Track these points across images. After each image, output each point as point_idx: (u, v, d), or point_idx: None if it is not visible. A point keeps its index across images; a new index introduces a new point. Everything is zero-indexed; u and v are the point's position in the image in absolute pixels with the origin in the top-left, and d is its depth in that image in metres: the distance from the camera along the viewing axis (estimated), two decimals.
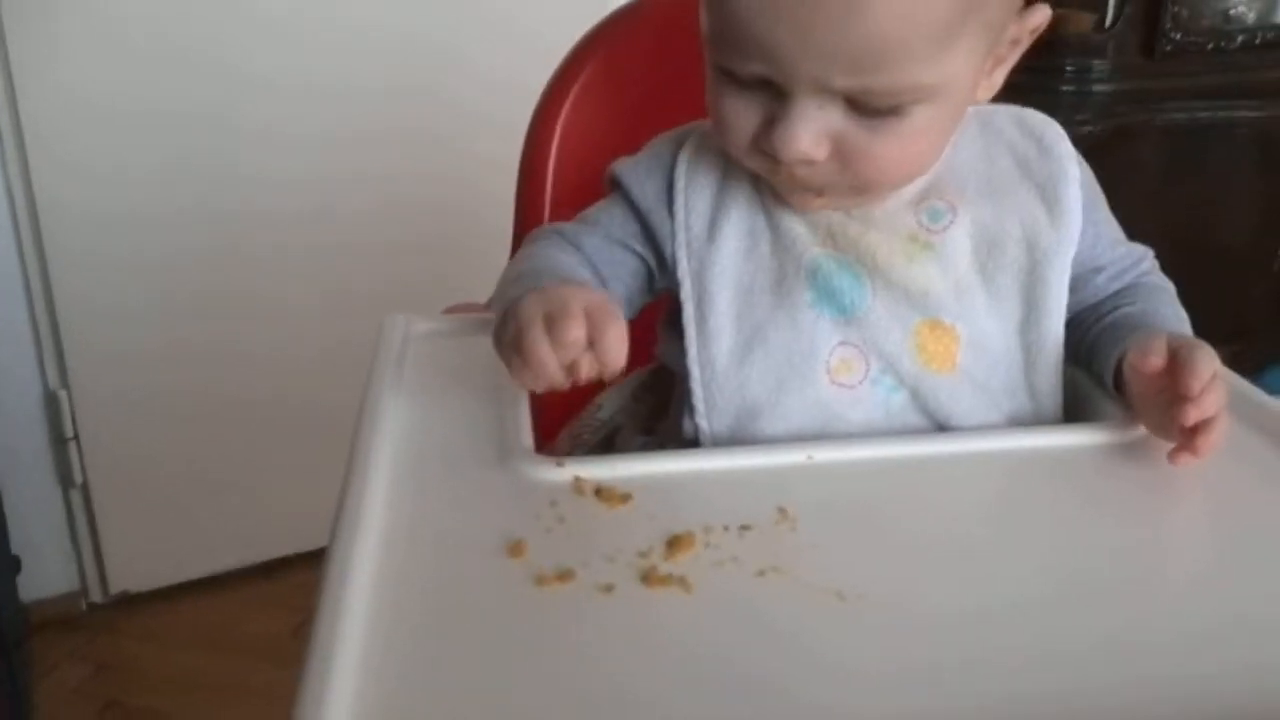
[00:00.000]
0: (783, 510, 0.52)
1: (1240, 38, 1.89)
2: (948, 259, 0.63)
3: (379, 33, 1.64)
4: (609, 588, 0.46)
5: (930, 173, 0.64)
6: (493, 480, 0.55)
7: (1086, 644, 0.43)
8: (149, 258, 1.59)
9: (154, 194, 1.57)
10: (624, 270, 0.68)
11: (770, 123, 0.57)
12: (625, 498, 0.53)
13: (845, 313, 0.63)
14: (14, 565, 1.49)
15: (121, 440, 1.64)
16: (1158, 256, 0.71)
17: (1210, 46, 1.87)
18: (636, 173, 0.68)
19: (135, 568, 1.70)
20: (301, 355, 1.70)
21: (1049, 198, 0.64)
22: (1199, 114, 1.88)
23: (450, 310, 0.82)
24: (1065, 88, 1.80)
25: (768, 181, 0.63)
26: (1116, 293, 0.68)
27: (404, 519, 0.51)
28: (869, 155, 0.57)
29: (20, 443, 1.59)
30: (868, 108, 0.55)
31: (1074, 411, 0.65)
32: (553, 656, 0.42)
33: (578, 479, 0.54)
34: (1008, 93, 0.64)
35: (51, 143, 1.49)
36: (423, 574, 0.47)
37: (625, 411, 0.75)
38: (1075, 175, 0.65)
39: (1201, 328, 0.66)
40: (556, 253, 0.67)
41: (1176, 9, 1.82)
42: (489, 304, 0.71)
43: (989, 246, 0.64)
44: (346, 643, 0.41)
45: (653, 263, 0.68)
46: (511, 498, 0.53)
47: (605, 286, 0.66)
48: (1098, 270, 0.68)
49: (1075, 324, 0.66)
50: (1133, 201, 0.78)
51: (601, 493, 0.53)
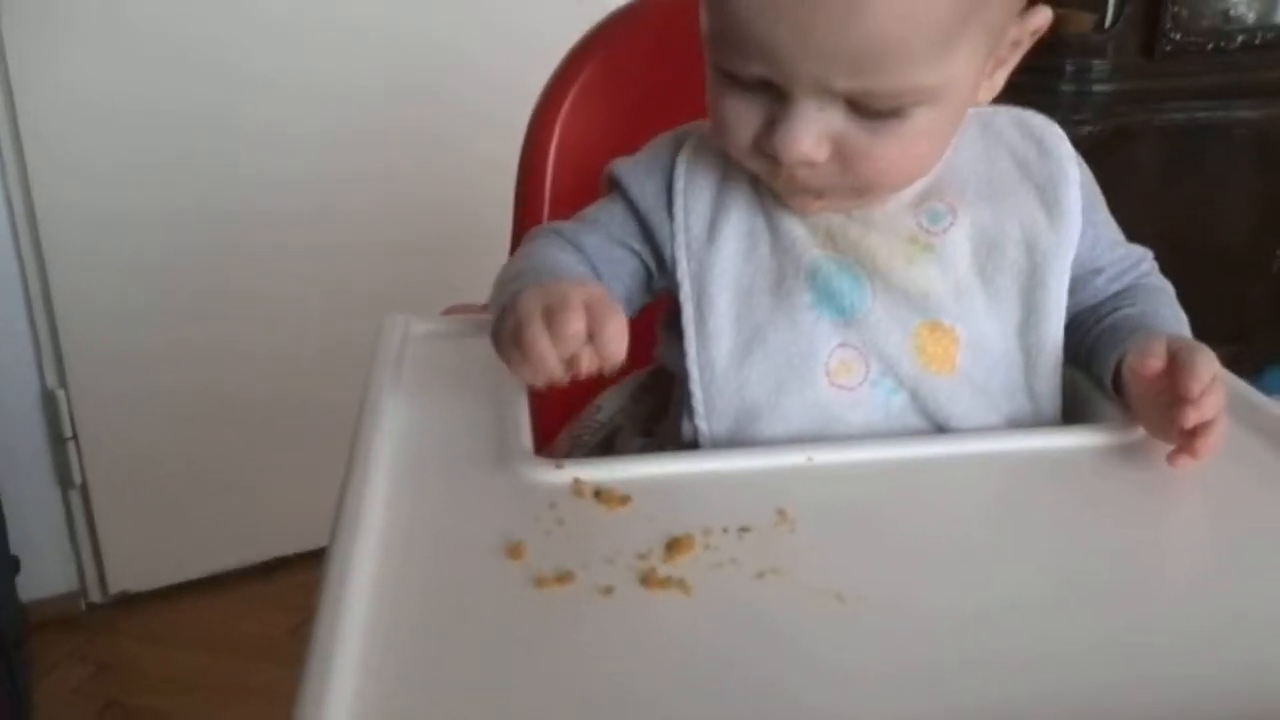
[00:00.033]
0: (782, 512, 0.52)
1: (1240, 38, 1.89)
2: (947, 261, 0.63)
3: (378, 33, 1.64)
4: (608, 590, 0.46)
5: (930, 174, 0.64)
6: (492, 482, 0.55)
7: (1086, 645, 0.43)
8: (147, 257, 1.59)
9: (152, 193, 1.57)
10: (623, 270, 0.68)
11: (771, 124, 0.57)
12: (624, 499, 0.53)
13: (845, 314, 0.63)
14: (13, 565, 1.48)
15: (120, 440, 1.64)
16: (1157, 257, 0.71)
17: (1210, 46, 1.87)
18: (635, 173, 0.68)
19: (134, 568, 1.70)
20: (301, 355, 1.70)
21: (1049, 200, 0.64)
22: (1198, 114, 1.88)
23: (449, 311, 0.82)
24: (1065, 88, 1.79)
25: (767, 183, 0.63)
26: (1116, 294, 0.68)
27: (403, 521, 0.51)
28: (870, 157, 0.57)
29: (19, 443, 1.58)
30: (869, 109, 0.55)
31: (1073, 413, 0.65)
32: (552, 658, 0.42)
33: (577, 481, 0.54)
34: (1007, 92, 0.64)
35: (49, 142, 1.48)
36: (422, 576, 0.47)
37: (624, 412, 0.75)
38: (1075, 177, 0.65)
39: (1200, 328, 0.66)
40: (555, 251, 0.66)
41: (1176, 9, 1.82)
42: (487, 304, 0.71)
43: (989, 248, 0.64)
44: (346, 644, 0.41)
45: (652, 263, 0.68)
46: (511, 499, 0.53)
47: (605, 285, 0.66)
48: (1097, 272, 0.67)
49: (1074, 325, 0.66)
50: (1132, 202, 0.78)
51: (601, 494, 0.53)
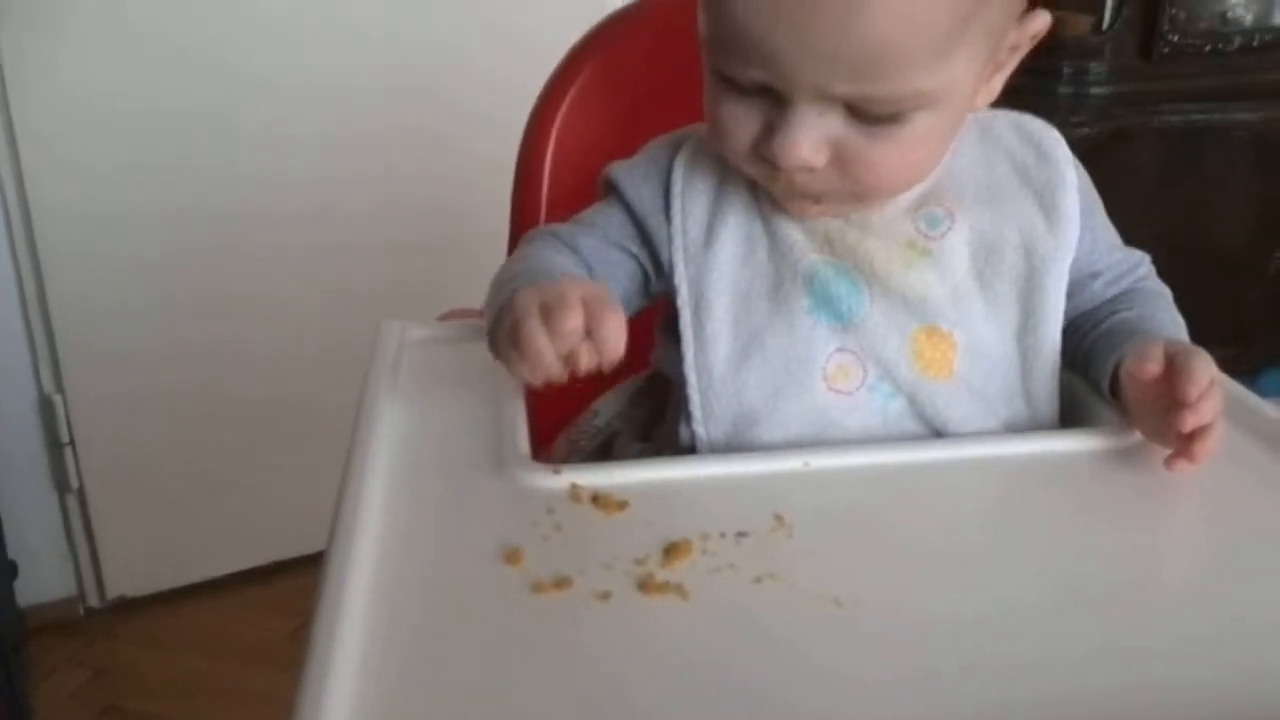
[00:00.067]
0: (779, 517, 0.52)
1: (1238, 40, 1.88)
2: (945, 265, 0.63)
3: (378, 33, 1.63)
4: (606, 595, 0.46)
5: (929, 179, 0.64)
6: (489, 487, 0.55)
7: (1083, 649, 0.43)
8: (144, 258, 1.58)
9: (149, 194, 1.56)
10: (621, 272, 0.67)
11: (769, 130, 0.57)
12: (622, 505, 0.53)
13: (842, 319, 0.63)
14: (11, 570, 1.49)
15: (117, 444, 1.63)
16: (1154, 259, 0.71)
17: (1208, 48, 1.87)
18: (632, 176, 0.68)
19: (132, 572, 1.70)
20: (299, 356, 1.69)
21: (1047, 204, 0.64)
22: (1196, 116, 1.88)
23: (445, 316, 0.82)
24: (1062, 90, 1.79)
25: (765, 188, 0.63)
26: (1113, 298, 0.68)
27: (401, 527, 0.51)
28: (869, 162, 0.57)
29: (16, 447, 1.58)
30: (868, 114, 0.55)
31: (1070, 417, 0.65)
32: (550, 664, 0.42)
33: (574, 486, 0.54)
34: (1004, 95, 0.64)
35: (45, 141, 1.47)
36: (421, 582, 0.47)
37: (622, 417, 0.75)
38: (1073, 181, 0.65)
39: (1198, 330, 0.66)
40: (552, 254, 0.66)
41: (1174, 11, 1.81)
42: (483, 309, 0.71)
43: (987, 253, 0.64)
44: (345, 649, 0.41)
45: (649, 266, 0.67)
46: (508, 505, 0.53)
47: None
48: (1095, 276, 0.67)
49: (1072, 330, 0.66)
50: (1130, 204, 0.78)
51: (598, 500, 0.53)
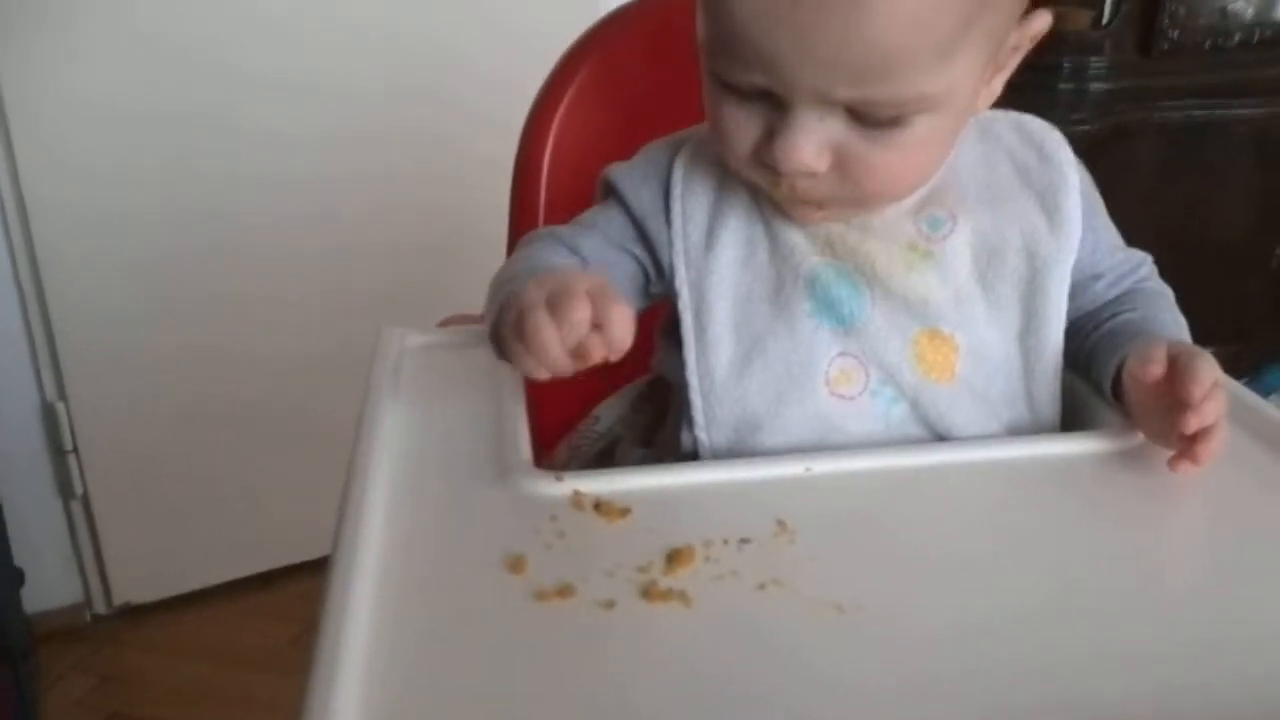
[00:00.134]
0: (782, 523, 0.51)
1: (1238, 35, 1.88)
2: (947, 267, 0.63)
3: (377, 33, 1.63)
4: (609, 603, 0.46)
5: (930, 180, 0.63)
6: (492, 495, 0.55)
7: (1086, 654, 0.43)
8: (143, 261, 1.57)
9: (148, 196, 1.55)
10: (621, 273, 0.67)
11: (770, 134, 0.56)
12: (624, 512, 0.53)
13: (844, 323, 0.62)
14: (17, 578, 1.49)
15: (121, 450, 1.63)
16: (1155, 255, 0.71)
17: (1208, 44, 1.86)
18: (632, 178, 0.67)
19: (138, 579, 1.70)
20: (301, 359, 1.69)
21: (1049, 206, 0.64)
22: (1196, 112, 1.88)
23: (445, 322, 0.81)
24: (1062, 86, 1.78)
25: (768, 194, 0.62)
26: (1115, 299, 0.68)
27: (404, 535, 0.51)
28: (870, 166, 0.56)
29: (19, 454, 1.58)
30: (869, 118, 0.55)
31: (1071, 419, 0.65)
32: (555, 672, 0.42)
33: (577, 493, 0.54)
34: (1003, 91, 0.63)
35: (42, 143, 1.47)
36: (424, 589, 0.47)
37: (624, 422, 0.75)
38: (1075, 183, 0.65)
39: (1199, 327, 0.66)
40: (552, 254, 0.66)
41: (1174, 6, 1.81)
42: (484, 314, 0.71)
43: (989, 255, 0.63)
44: (349, 658, 0.41)
45: (650, 268, 0.67)
46: (511, 512, 0.53)
47: None
48: (1096, 277, 0.67)
49: (1074, 331, 0.65)
50: (1130, 200, 0.77)
51: (601, 507, 0.53)
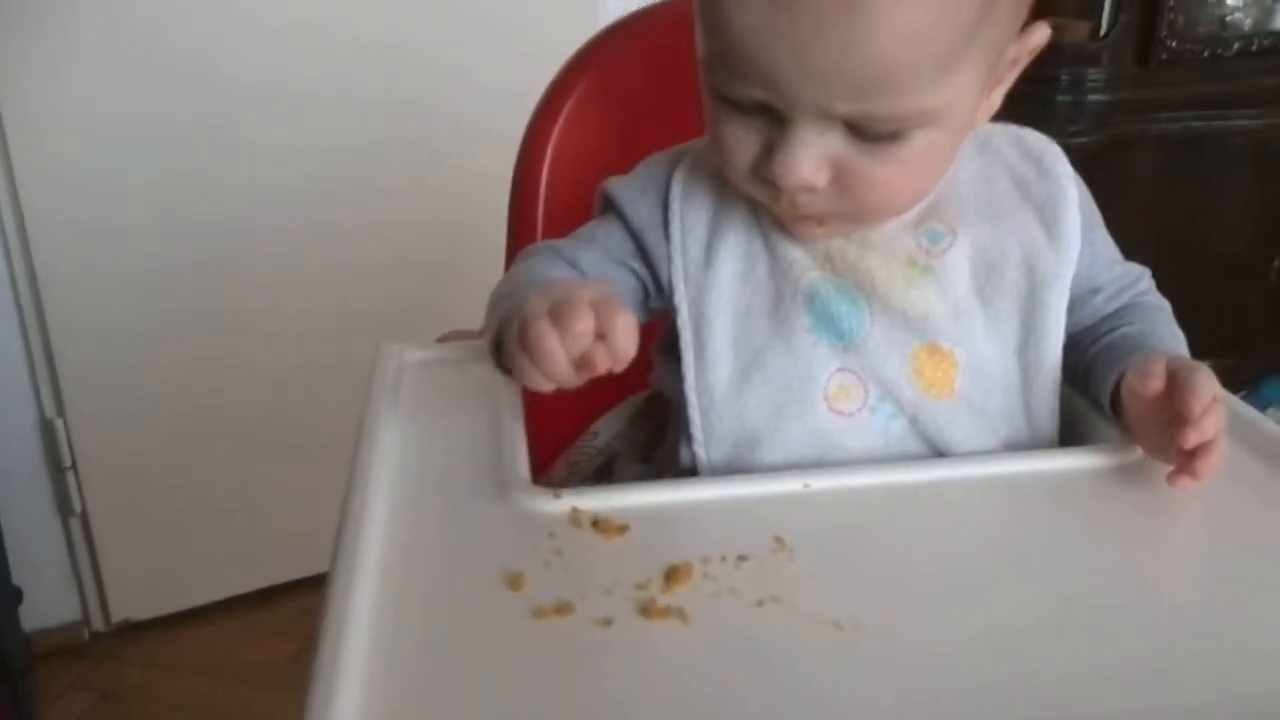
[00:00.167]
0: (780, 540, 0.51)
1: (1236, 44, 1.87)
2: (947, 282, 0.63)
3: (375, 47, 1.63)
4: (607, 621, 0.46)
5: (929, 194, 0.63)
6: (490, 512, 0.55)
7: (1085, 670, 0.43)
8: (142, 276, 1.57)
9: (147, 210, 1.55)
10: (622, 287, 0.67)
11: (770, 149, 0.56)
12: (623, 529, 0.53)
13: (843, 338, 0.62)
14: (15, 596, 1.48)
15: (119, 466, 1.63)
16: (1154, 267, 0.70)
17: (1206, 54, 1.86)
18: (630, 192, 0.67)
19: (136, 596, 1.69)
20: (299, 374, 1.69)
21: (1048, 220, 0.64)
22: (1195, 123, 1.88)
23: (444, 338, 0.81)
24: (1060, 98, 1.78)
25: (769, 209, 0.62)
26: (1114, 313, 0.67)
27: (402, 552, 0.51)
28: (870, 181, 0.56)
29: (18, 471, 1.58)
30: (869, 133, 0.55)
31: (1069, 434, 0.65)
32: (553, 690, 0.42)
33: (575, 510, 0.54)
34: (1001, 102, 0.63)
35: (40, 157, 1.46)
36: (423, 607, 0.47)
37: (622, 438, 0.75)
38: (1074, 197, 0.65)
39: (1197, 339, 0.66)
40: (551, 269, 0.66)
41: (1172, 16, 1.80)
42: (482, 329, 0.71)
43: (988, 269, 0.63)
44: (348, 676, 0.41)
45: (649, 282, 0.67)
46: (509, 529, 0.53)
47: None
48: (1095, 291, 0.67)
49: (1072, 345, 0.65)
50: (1128, 212, 0.77)
51: (599, 524, 0.53)
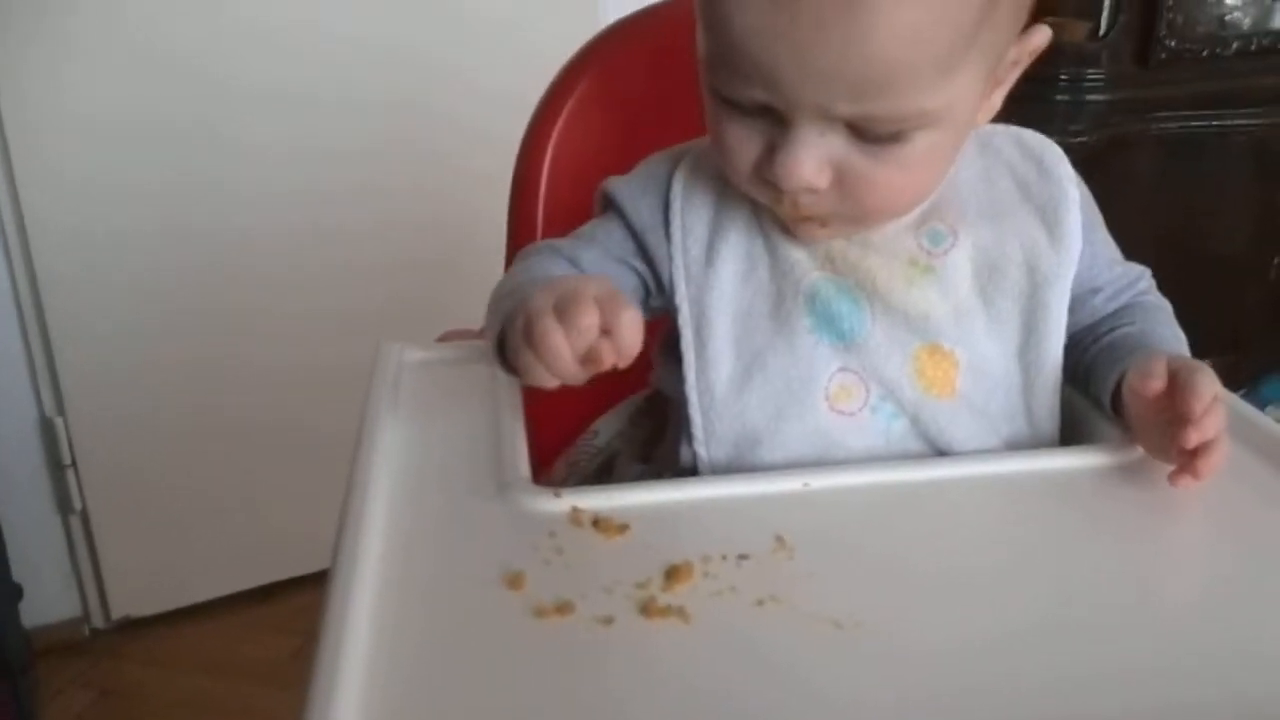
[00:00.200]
0: (780, 539, 0.51)
1: (1235, 44, 1.87)
2: (948, 282, 0.63)
3: (375, 48, 1.63)
4: (608, 620, 0.46)
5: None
6: (491, 511, 0.55)
7: (1086, 670, 0.43)
8: (142, 276, 1.57)
9: (146, 211, 1.55)
10: (623, 286, 0.66)
11: (771, 150, 0.56)
12: (623, 528, 0.53)
13: (844, 338, 0.62)
14: (16, 593, 1.48)
15: (119, 465, 1.63)
16: (1153, 266, 0.71)
17: (1205, 53, 1.86)
18: (631, 191, 0.67)
19: (136, 593, 1.70)
20: (299, 373, 1.69)
21: (1049, 220, 0.64)
22: (1194, 122, 1.88)
23: (444, 337, 0.81)
24: (1060, 98, 1.78)
25: (771, 211, 0.62)
26: (1114, 313, 0.67)
27: (403, 551, 0.51)
28: (871, 182, 0.56)
29: (18, 469, 1.58)
30: (870, 134, 0.55)
31: (1070, 434, 0.65)
32: (554, 689, 0.42)
33: (575, 509, 0.54)
34: (1001, 103, 0.63)
35: (40, 160, 1.47)
36: (423, 606, 0.47)
37: (622, 437, 0.75)
38: (1075, 197, 0.65)
39: (1197, 338, 0.66)
40: (552, 267, 0.66)
41: (1171, 16, 1.80)
42: (482, 329, 0.71)
43: (989, 270, 0.63)
44: (349, 672, 0.41)
45: (650, 281, 0.67)
46: (510, 528, 0.53)
47: None
48: (1095, 291, 0.67)
49: (1072, 345, 0.65)
50: (1127, 212, 0.77)
51: (599, 523, 0.53)
